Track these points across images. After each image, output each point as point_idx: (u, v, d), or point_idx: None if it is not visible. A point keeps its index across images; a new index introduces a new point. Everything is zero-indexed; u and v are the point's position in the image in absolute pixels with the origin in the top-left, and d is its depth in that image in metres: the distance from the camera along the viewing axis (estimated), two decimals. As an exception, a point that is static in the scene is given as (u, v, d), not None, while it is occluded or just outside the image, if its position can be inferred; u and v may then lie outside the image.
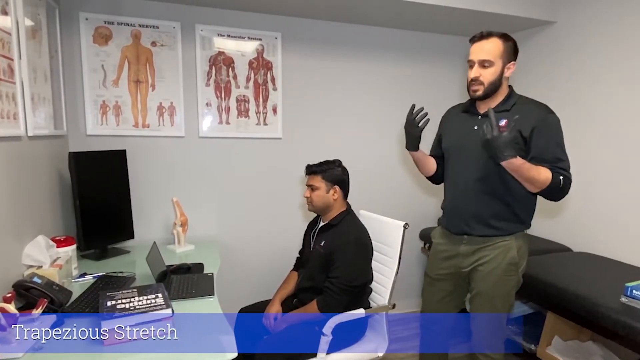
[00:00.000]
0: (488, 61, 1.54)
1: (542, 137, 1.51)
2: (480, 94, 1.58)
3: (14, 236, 1.51)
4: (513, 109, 1.57)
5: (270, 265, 2.71)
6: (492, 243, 1.63)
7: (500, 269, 1.61)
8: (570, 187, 1.51)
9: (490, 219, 1.62)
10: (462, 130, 1.70)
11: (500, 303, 1.65)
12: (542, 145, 1.51)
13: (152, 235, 2.39)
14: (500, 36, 1.55)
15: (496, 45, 1.53)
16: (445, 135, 1.80)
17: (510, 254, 1.61)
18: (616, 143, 2.34)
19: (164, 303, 1.30)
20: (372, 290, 1.95)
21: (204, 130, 2.53)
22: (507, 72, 1.57)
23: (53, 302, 1.36)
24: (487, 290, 1.64)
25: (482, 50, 1.55)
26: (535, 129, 1.52)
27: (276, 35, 2.60)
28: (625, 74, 2.28)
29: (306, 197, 1.92)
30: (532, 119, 1.52)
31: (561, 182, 1.47)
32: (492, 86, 1.56)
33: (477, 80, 1.56)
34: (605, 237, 2.41)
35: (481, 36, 1.56)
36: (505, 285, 1.64)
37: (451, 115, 1.83)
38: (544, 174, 1.47)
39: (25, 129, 1.62)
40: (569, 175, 1.50)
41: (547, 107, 1.59)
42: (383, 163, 2.98)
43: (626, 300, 1.72)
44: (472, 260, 1.67)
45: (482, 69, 1.55)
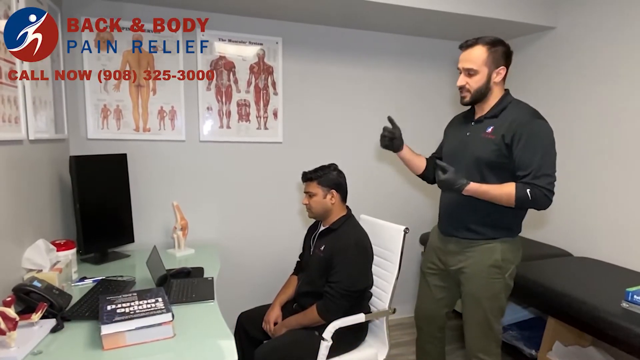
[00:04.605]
0: (472, 70, 1.58)
1: (521, 145, 1.52)
2: (467, 100, 1.64)
3: (14, 240, 1.50)
4: (501, 114, 1.59)
5: (270, 269, 2.70)
6: (476, 245, 1.66)
7: (483, 270, 1.64)
8: (547, 196, 1.50)
9: (472, 224, 1.65)
10: (458, 136, 1.75)
11: (487, 305, 1.66)
12: (521, 155, 1.52)
13: (152, 239, 2.39)
14: (486, 43, 1.57)
15: (480, 53, 1.56)
16: (445, 141, 1.86)
17: (494, 257, 1.63)
18: (617, 148, 2.34)
19: (164, 307, 1.30)
20: (373, 295, 1.94)
21: (204, 134, 2.53)
22: (497, 77, 1.59)
23: (53, 306, 1.36)
24: (473, 291, 1.68)
25: (466, 59, 1.59)
26: (516, 135, 1.52)
27: (277, 40, 2.61)
28: (625, 79, 2.29)
29: (305, 205, 1.92)
30: (514, 125, 1.53)
31: (529, 196, 1.48)
32: (479, 93, 1.60)
33: (463, 88, 1.62)
34: (605, 242, 2.41)
35: (467, 45, 1.60)
36: (492, 288, 1.65)
37: (454, 122, 1.88)
38: (507, 191, 1.51)
39: (27, 133, 1.63)
40: (543, 187, 1.49)
41: (535, 113, 1.58)
42: (383, 167, 2.98)
43: (627, 305, 1.72)
44: (458, 260, 1.71)
45: (467, 77, 1.60)
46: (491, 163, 1.58)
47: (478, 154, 1.61)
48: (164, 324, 1.26)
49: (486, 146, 1.58)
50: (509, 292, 1.71)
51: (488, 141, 1.58)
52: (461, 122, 1.78)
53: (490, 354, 1.72)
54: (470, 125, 1.69)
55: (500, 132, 1.54)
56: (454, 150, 1.75)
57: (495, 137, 1.56)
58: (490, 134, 1.58)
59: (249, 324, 1.95)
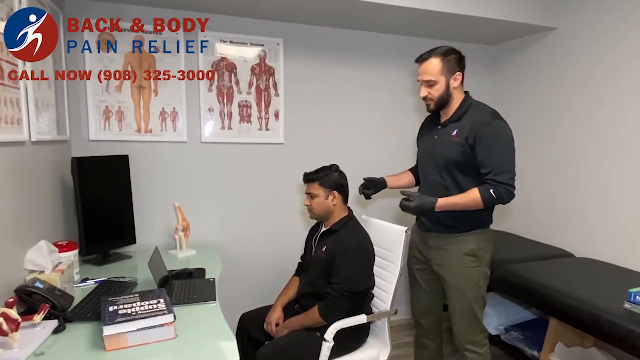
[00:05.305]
0: (431, 80, 1.70)
1: (481, 145, 1.64)
2: (432, 108, 1.78)
3: (16, 241, 1.51)
4: (464, 118, 1.71)
5: (271, 270, 2.70)
6: (452, 238, 1.78)
7: (461, 260, 1.76)
8: (510, 191, 1.62)
9: (446, 219, 1.75)
10: (428, 139, 1.87)
11: (470, 295, 1.77)
12: (483, 154, 1.64)
13: (153, 240, 2.40)
14: (439, 54, 1.69)
15: (435, 64, 1.69)
16: (418, 144, 1.98)
17: (469, 246, 1.75)
18: (618, 149, 2.34)
19: (165, 308, 1.30)
20: (374, 296, 1.94)
21: (206, 135, 2.54)
22: (454, 82, 1.72)
23: (55, 307, 1.37)
24: (455, 283, 1.78)
25: (424, 72, 1.72)
26: (477, 136, 1.64)
27: (278, 41, 2.61)
28: (627, 79, 2.29)
29: (306, 206, 1.92)
30: (475, 127, 1.65)
31: (493, 195, 1.61)
32: (441, 100, 1.73)
33: (426, 98, 1.75)
34: (607, 242, 2.40)
35: (422, 58, 1.73)
36: (472, 277, 1.76)
37: (423, 125, 1.99)
38: (472, 197, 1.64)
39: (29, 134, 1.63)
40: (504, 183, 1.61)
41: (494, 114, 1.70)
42: (385, 168, 2.93)
43: (629, 306, 1.71)
44: (438, 254, 1.82)
45: (428, 87, 1.73)
46: (459, 164, 1.70)
47: (446, 156, 1.72)
48: (165, 325, 1.27)
49: (453, 148, 1.70)
50: (487, 281, 1.82)
51: (454, 143, 1.70)
52: (429, 127, 1.89)
53: (479, 345, 1.82)
54: (437, 129, 1.81)
55: (464, 134, 1.67)
56: (426, 154, 1.87)
57: (460, 139, 1.68)
58: (455, 136, 1.71)
59: (250, 325, 1.95)
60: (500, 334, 2.38)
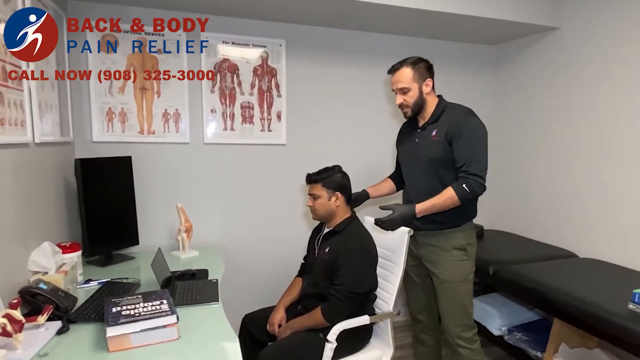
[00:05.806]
0: (405, 88, 1.80)
1: (457, 140, 1.74)
2: (409, 115, 1.86)
3: (19, 242, 1.51)
4: (441, 118, 1.81)
5: (274, 271, 2.71)
6: (441, 234, 1.85)
7: (450, 253, 1.83)
8: (480, 183, 1.70)
9: (435, 216, 1.80)
10: (409, 142, 1.95)
11: (460, 289, 1.84)
12: (459, 149, 1.74)
13: (156, 241, 2.40)
14: (410, 63, 1.80)
15: (407, 73, 1.80)
16: (398, 148, 2.06)
17: (459, 240, 1.83)
18: (623, 149, 2.33)
19: (168, 309, 1.30)
20: (377, 297, 1.94)
21: (208, 136, 2.54)
22: (427, 88, 1.82)
23: (58, 308, 1.37)
24: (445, 277, 1.84)
25: (397, 81, 1.82)
26: (454, 132, 1.74)
27: (280, 43, 2.62)
28: (629, 79, 2.28)
29: (309, 207, 1.92)
30: (452, 124, 1.76)
31: (467, 189, 1.69)
32: (417, 106, 1.83)
33: (403, 105, 1.85)
34: (611, 243, 2.39)
35: (394, 69, 1.84)
36: (462, 271, 1.84)
37: (401, 131, 2.06)
38: (448, 195, 1.71)
39: (33, 136, 1.64)
40: (475, 174, 1.69)
41: (469, 112, 1.80)
42: (386, 169, 2.95)
43: (634, 307, 1.70)
44: (427, 250, 1.89)
45: (403, 95, 1.82)
46: (443, 161, 1.78)
47: (430, 155, 1.81)
48: (168, 326, 1.27)
49: (435, 147, 1.79)
50: (473, 275, 1.90)
51: (435, 143, 1.79)
52: (408, 132, 1.97)
53: (471, 342, 1.88)
54: (417, 133, 1.90)
55: (443, 132, 1.77)
56: (408, 157, 1.95)
57: (440, 138, 1.78)
58: (435, 136, 1.80)
59: (253, 326, 1.95)
60: (503, 334, 2.37)
